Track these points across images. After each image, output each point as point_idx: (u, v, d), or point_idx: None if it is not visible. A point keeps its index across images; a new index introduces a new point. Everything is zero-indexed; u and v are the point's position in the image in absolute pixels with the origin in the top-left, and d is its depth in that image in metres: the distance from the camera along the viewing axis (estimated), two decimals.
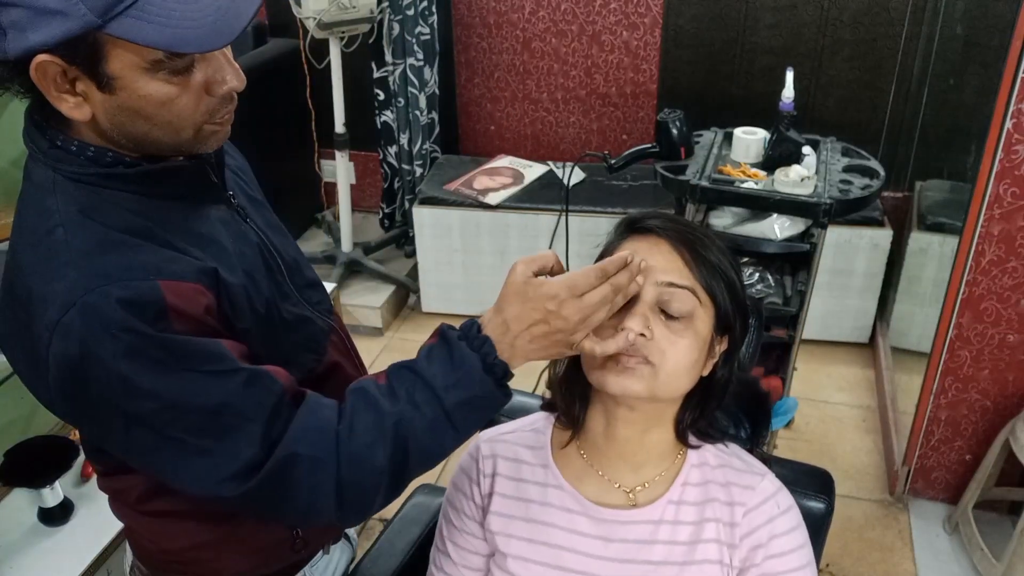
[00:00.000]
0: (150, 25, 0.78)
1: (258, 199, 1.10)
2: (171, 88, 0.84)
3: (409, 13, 2.94)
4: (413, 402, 0.88)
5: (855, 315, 2.90)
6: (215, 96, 0.87)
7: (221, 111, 0.89)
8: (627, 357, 0.92)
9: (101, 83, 0.82)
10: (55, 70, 0.81)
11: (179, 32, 0.79)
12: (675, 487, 1.02)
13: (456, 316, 3.17)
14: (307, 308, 1.08)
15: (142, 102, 0.83)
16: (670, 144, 2.00)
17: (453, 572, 1.10)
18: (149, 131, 0.86)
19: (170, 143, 0.88)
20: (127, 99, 0.83)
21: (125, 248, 0.86)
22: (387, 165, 3.27)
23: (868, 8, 2.80)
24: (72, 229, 0.85)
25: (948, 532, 2.22)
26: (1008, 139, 1.77)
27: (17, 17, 0.78)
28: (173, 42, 0.79)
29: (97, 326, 0.81)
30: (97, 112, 0.85)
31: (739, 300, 0.99)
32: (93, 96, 0.83)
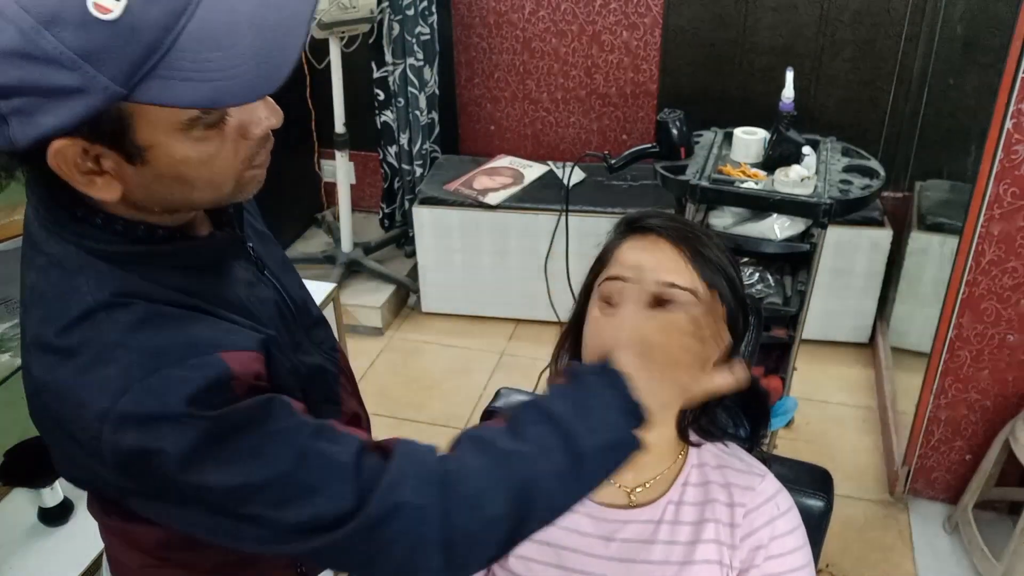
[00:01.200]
0: (184, 84, 0.67)
1: (265, 233, 1.04)
2: (210, 144, 0.74)
3: (409, 13, 2.94)
4: (542, 445, 0.76)
5: (855, 315, 2.90)
6: (252, 139, 0.79)
7: (260, 153, 0.81)
8: None
9: (131, 156, 0.72)
10: (76, 152, 0.70)
11: (220, 85, 0.67)
12: (675, 487, 1.02)
13: (456, 316, 3.17)
14: (318, 354, 1.00)
15: (181, 167, 0.74)
16: (670, 144, 2.00)
17: None
18: (189, 195, 0.78)
19: (211, 200, 0.81)
20: (163, 167, 0.73)
21: (178, 322, 0.77)
22: (387, 165, 3.27)
23: (868, 8, 2.80)
24: (114, 309, 0.76)
25: (948, 532, 2.22)
26: (1008, 139, 1.77)
27: (21, 105, 0.67)
28: (216, 97, 0.68)
29: (157, 414, 0.72)
30: (129, 186, 0.75)
31: (739, 298, 1.00)
32: (123, 171, 0.73)
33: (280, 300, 0.96)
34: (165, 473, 0.73)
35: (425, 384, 2.86)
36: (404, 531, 0.73)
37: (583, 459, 0.76)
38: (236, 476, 0.73)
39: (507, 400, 1.42)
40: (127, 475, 0.75)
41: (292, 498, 0.74)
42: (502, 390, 1.45)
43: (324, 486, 0.74)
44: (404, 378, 2.90)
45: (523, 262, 3.01)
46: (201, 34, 0.67)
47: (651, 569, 0.99)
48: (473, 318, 3.17)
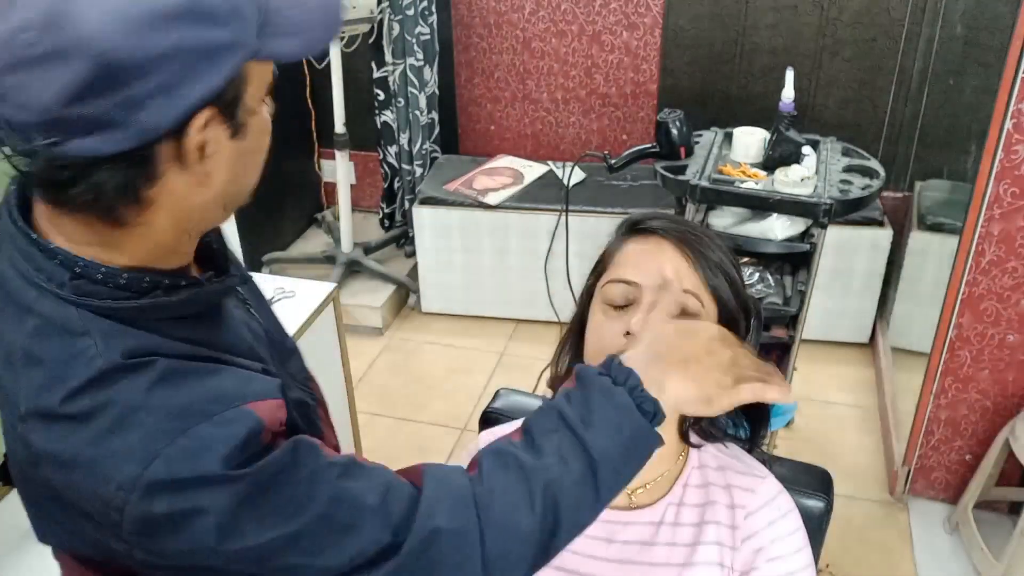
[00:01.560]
0: (285, 38, 0.69)
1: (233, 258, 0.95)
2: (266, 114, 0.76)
3: (409, 13, 2.94)
4: (558, 454, 0.75)
5: (855, 315, 2.90)
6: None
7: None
8: None
9: (237, 128, 0.70)
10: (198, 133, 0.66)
11: (304, 37, 0.71)
12: (676, 488, 1.02)
13: (456, 316, 3.17)
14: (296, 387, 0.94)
15: (264, 137, 0.75)
16: (670, 144, 2.00)
17: None
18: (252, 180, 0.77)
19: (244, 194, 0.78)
20: (254, 139, 0.73)
21: (197, 376, 0.71)
22: (387, 165, 3.27)
23: (868, 8, 2.80)
24: (129, 371, 0.69)
25: (948, 532, 2.22)
26: (1008, 139, 1.77)
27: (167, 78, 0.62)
28: (308, 48, 0.72)
29: (192, 478, 0.66)
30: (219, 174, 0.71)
31: (741, 299, 1.00)
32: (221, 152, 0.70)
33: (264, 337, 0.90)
34: (201, 539, 0.68)
35: (425, 384, 2.86)
36: (446, 558, 0.72)
37: (601, 464, 0.75)
38: (274, 530, 0.69)
39: (507, 400, 1.42)
40: (153, 546, 0.70)
41: (330, 543, 0.71)
42: (502, 390, 1.45)
43: (360, 524, 0.71)
44: (404, 378, 2.89)
45: (523, 262, 3.01)
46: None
47: (652, 571, 0.99)
48: (473, 318, 3.17)
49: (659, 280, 0.95)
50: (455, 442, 2.58)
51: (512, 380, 2.82)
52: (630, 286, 0.95)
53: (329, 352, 1.96)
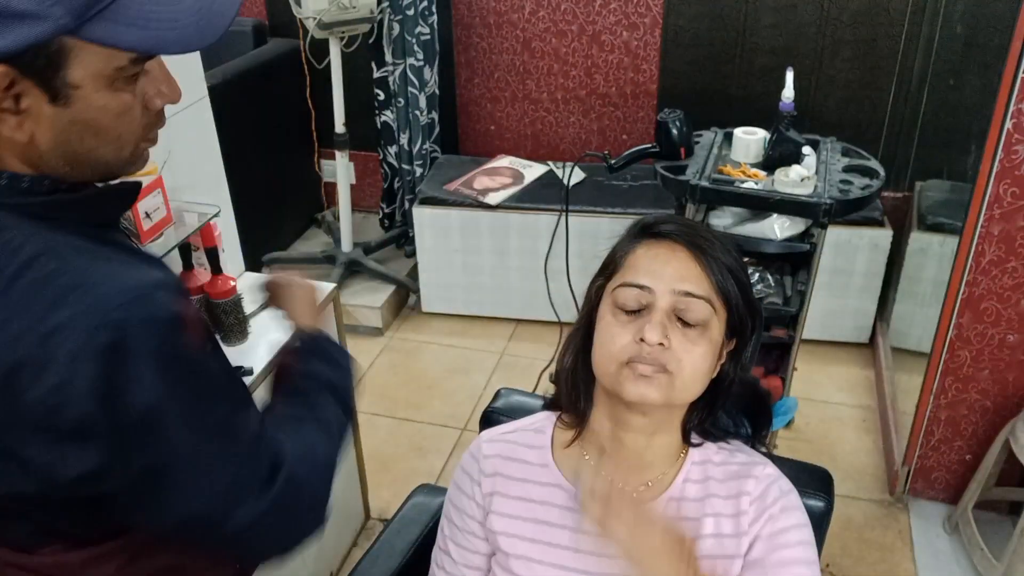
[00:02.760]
0: (129, 28, 0.73)
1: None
2: (127, 97, 0.77)
3: (409, 13, 2.94)
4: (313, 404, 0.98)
5: (855, 315, 2.90)
6: (152, 109, 0.81)
7: (154, 128, 0.84)
8: (644, 365, 0.93)
9: (56, 95, 0.74)
10: (1, 83, 0.71)
11: (161, 34, 0.74)
12: (676, 484, 1.02)
13: (456, 316, 3.17)
14: None
15: (99, 113, 0.76)
16: (670, 144, 2.00)
17: (454, 571, 1.10)
18: (96, 148, 0.79)
19: (111, 161, 0.82)
20: (82, 111, 0.75)
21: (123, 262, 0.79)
22: (387, 165, 3.27)
23: (868, 8, 2.80)
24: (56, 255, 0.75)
25: (948, 532, 2.22)
26: (1008, 139, 1.77)
27: None
28: (155, 45, 0.74)
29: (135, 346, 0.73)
30: (39, 131, 0.76)
31: (751, 305, 1.00)
32: (40, 112, 0.74)
33: None
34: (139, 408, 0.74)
35: (425, 384, 2.86)
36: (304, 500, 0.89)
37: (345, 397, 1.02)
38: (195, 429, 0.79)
39: (507, 400, 1.42)
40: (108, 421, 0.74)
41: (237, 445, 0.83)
42: (502, 390, 1.45)
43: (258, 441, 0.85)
44: (404, 378, 2.89)
45: (523, 262, 3.01)
46: None
47: None
48: (473, 318, 3.17)
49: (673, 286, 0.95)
50: (455, 442, 2.58)
51: (512, 380, 2.82)
52: (643, 291, 0.95)
53: None
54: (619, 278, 0.99)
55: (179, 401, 0.77)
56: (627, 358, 0.93)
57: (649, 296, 0.95)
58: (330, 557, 2.06)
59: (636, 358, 0.93)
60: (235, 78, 2.91)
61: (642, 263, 0.98)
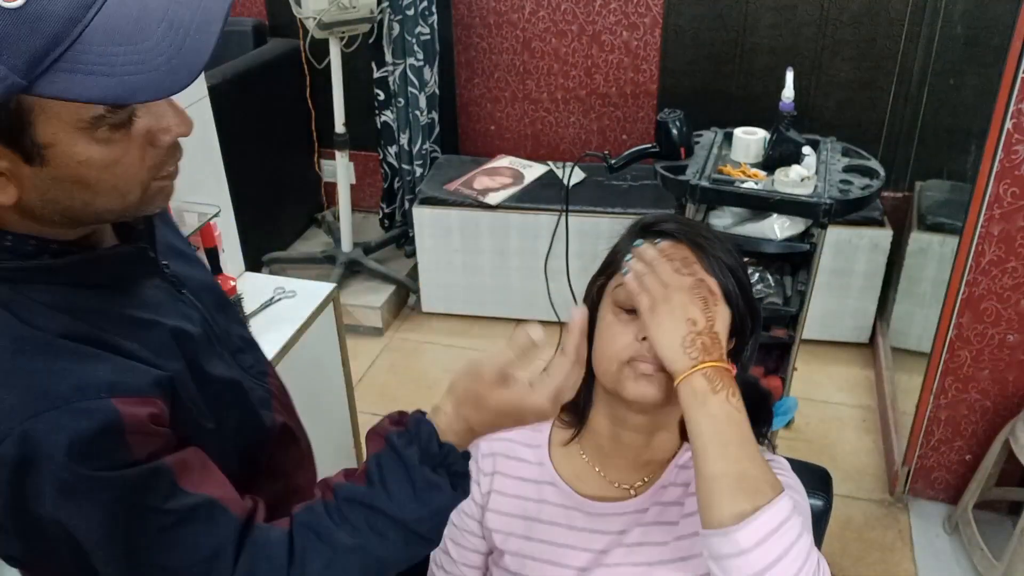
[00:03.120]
0: (89, 77, 0.63)
1: (184, 250, 0.98)
2: (114, 147, 0.70)
3: (409, 13, 2.94)
4: (377, 532, 0.80)
5: (855, 315, 2.90)
6: (160, 147, 0.74)
7: (168, 163, 0.76)
8: (645, 364, 0.93)
9: (29, 155, 0.67)
10: None
11: (127, 80, 0.64)
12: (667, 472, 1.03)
13: (456, 316, 3.17)
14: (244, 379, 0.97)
15: (83, 168, 0.69)
16: (670, 144, 2.00)
17: (453, 570, 1.11)
18: (91, 201, 0.72)
19: (116, 209, 0.75)
20: (63, 169, 0.69)
21: (67, 359, 0.72)
22: (387, 165, 3.27)
23: (868, 8, 2.80)
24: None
25: (948, 532, 2.22)
26: (1008, 139, 1.77)
27: None
28: (122, 93, 0.65)
29: (36, 461, 0.68)
30: (24, 191, 0.70)
31: (751, 304, 1.00)
32: (20, 172, 0.68)
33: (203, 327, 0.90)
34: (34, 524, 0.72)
35: (425, 384, 2.86)
36: None
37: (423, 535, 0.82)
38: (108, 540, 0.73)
39: None
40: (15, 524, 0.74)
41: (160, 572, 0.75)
42: None
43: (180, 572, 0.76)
44: (404, 378, 2.89)
45: (523, 262, 3.01)
46: (109, 27, 0.64)
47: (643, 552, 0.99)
48: (473, 318, 3.16)
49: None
50: None
51: None
52: None
53: (329, 352, 1.96)
54: (620, 277, 0.99)
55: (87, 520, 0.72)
56: (628, 357, 0.93)
57: None
58: None
59: (637, 357, 0.93)
60: (235, 78, 2.91)
61: None
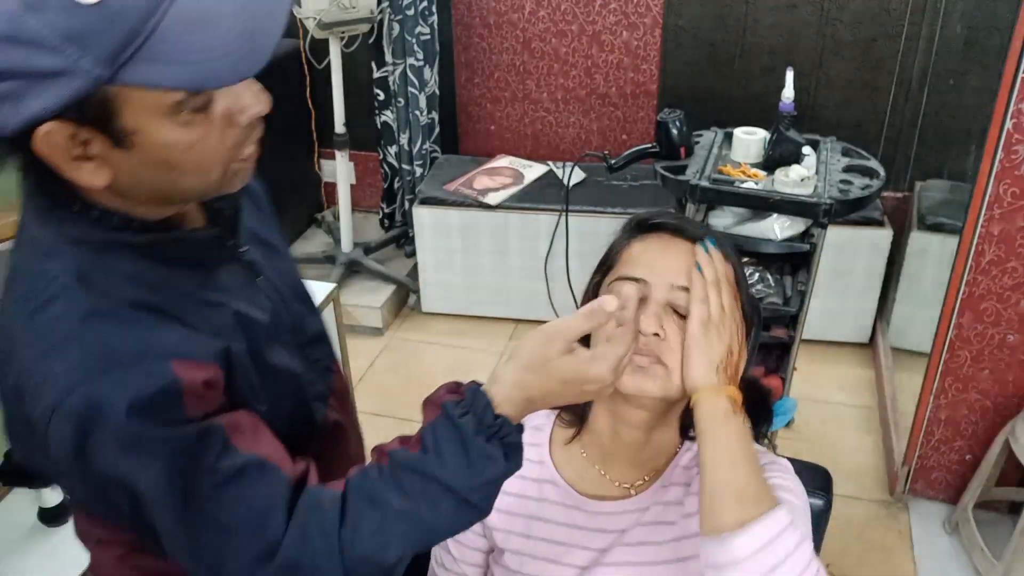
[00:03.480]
0: (168, 66, 0.68)
1: (269, 240, 1.02)
2: (196, 129, 0.75)
3: (409, 13, 2.94)
4: (429, 498, 0.80)
5: (855, 315, 2.90)
6: (238, 126, 0.79)
7: (247, 142, 0.81)
8: (641, 357, 0.93)
9: (118, 141, 0.72)
10: (63, 135, 0.71)
11: (203, 67, 0.69)
12: (667, 471, 1.03)
13: (456, 316, 3.17)
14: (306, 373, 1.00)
15: (167, 151, 0.74)
16: (670, 144, 2.00)
17: (454, 568, 1.11)
18: (177, 180, 0.77)
19: (199, 188, 0.80)
20: (149, 152, 0.74)
21: (134, 325, 0.77)
22: (387, 165, 3.27)
23: (868, 8, 2.80)
24: (73, 299, 0.76)
25: (948, 532, 2.22)
26: (1008, 139, 1.77)
27: (8, 89, 0.67)
28: (200, 79, 0.70)
29: (98, 418, 0.72)
30: (117, 173, 0.75)
31: (750, 299, 1.00)
32: (111, 156, 0.74)
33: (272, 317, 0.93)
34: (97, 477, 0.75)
35: (425, 384, 2.84)
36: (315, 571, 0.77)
37: (475, 504, 0.81)
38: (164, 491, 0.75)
39: None
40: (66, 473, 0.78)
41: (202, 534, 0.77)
42: None
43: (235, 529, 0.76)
44: (404, 378, 2.89)
45: (523, 262, 3.01)
46: (183, 17, 0.69)
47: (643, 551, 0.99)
48: (473, 318, 3.16)
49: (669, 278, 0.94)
50: None
51: None
52: (639, 283, 0.95)
53: None
54: (615, 273, 0.99)
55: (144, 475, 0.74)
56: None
57: (645, 288, 0.95)
58: None
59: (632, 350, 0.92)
60: None
61: (638, 257, 0.98)
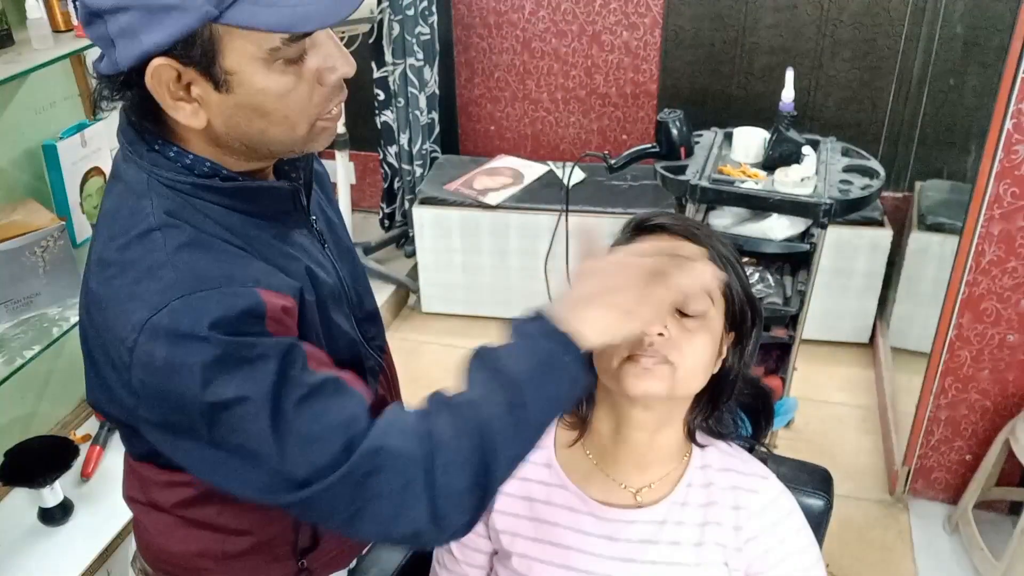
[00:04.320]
0: (267, 9, 0.75)
1: (333, 219, 1.07)
2: (288, 78, 0.80)
3: (409, 13, 2.94)
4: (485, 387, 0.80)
5: (855, 315, 2.90)
6: (327, 85, 0.84)
7: (332, 102, 0.86)
8: (646, 358, 0.93)
9: (218, 82, 0.79)
10: (170, 75, 0.77)
11: (299, 10, 0.76)
12: (680, 488, 1.02)
13: (456, 316, 3.17)
14: (362, 345, 1.06)
15: (261, 96, 0.80)
16: (670, 144, 2.00)
17: (456, 569, 1.11)
18: (266, 129, 0.83)
19: (286, 141, 0.85)
20: (245, 96, 0.80)
21: (222, 255, 0.83)
22: (387, 165, 3.28)
23: (868, 8, 2.80)
24: (167, 231, 0.82)
25: (948, 532, 2.22)
26: (1008, 139, 1.77)
27: (127, 22, 0.74)
28: (296, 22, 0.76)
29: (186, 331, 0.77)
30: (213, 116, 0.81)
31: (749, 297, 1.00)
32: (210, 99, 0.80)
33: (336, 282, 1.00)
34: (184, 391, 0.78)
35: (425, 384, 2.83)
36: (391, 477, 0.77)
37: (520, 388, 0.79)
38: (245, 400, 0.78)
39: None
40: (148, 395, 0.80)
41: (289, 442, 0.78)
42: None
43: (319, 436, 0.79)
44: (404, 378, 2.86)
45: (523, 262, 3.01)
46: None
47: (655, 569, 1.00)
48: (473, 318, 3.16)
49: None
50: None
51: None
52: None
53: None
54: None
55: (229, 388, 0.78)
56: (628, 352, 0.93)
57: None
58: None
59: (637, 351, 0.92)
60: None
61: None
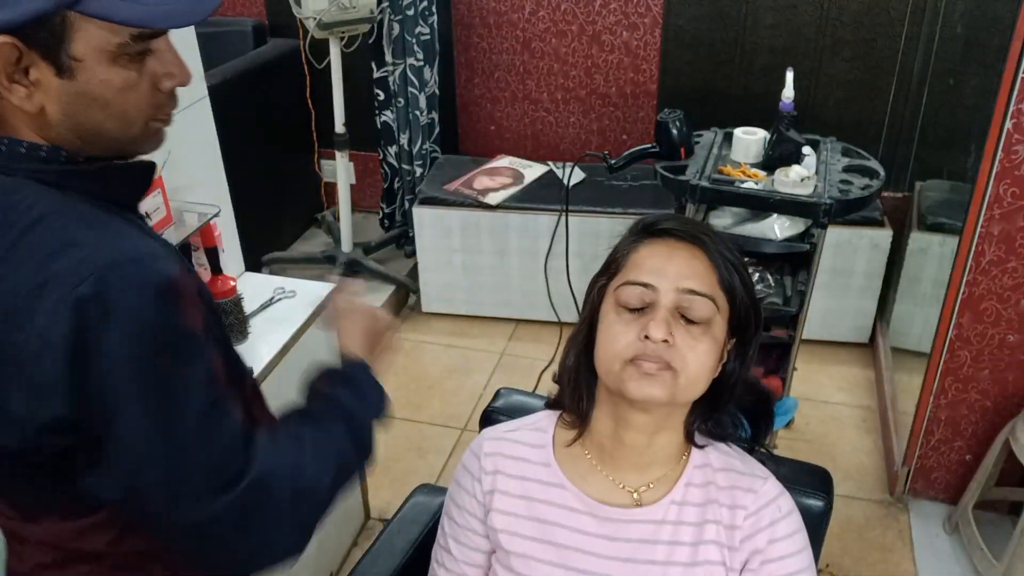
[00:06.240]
0: (124, 3, 0.78)
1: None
2: (130, 73, 0.82)
3: (409, 13, 2.94)
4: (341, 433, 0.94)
5: (855, 315, 2.90)
6: (163, 91, 0.85)
7: (166, 108, 0.88)
8: (649, 364, 0.93)
9: (61, 68, 0.79)
10: (11, 55, 0.77)
11: (152, 10, 0.79)
12: (678, 487, 1.02)
13: (456, 316, 3.17)
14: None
15: (102, 88, 0.81)
16: (670, 144, 2.00)
17: (455, 568, 1.11)
18: (103, 121, 0.83)
19: (120, 137, 0.85)
20: (86, 84, 0.80)
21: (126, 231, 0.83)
22: (387, 165, 3.27)
23: (868, 8, 2.80)
24: (61, 214, 0.81)
25: (948, 532, 2.22)
26: (1008, 139, 1.77)
27: None
28: (152, 19, 0.79)
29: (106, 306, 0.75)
30: (48, 102, 0.81)
31: (753, 303, 1.00)
32: (47, 83, 0.80)
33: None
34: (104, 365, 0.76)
35: (425, 384, 2.86)
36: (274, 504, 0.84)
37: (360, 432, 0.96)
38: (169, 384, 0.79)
39: (507, 400, 1.42)
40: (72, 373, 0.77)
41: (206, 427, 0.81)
42: (502, 390, 1.45)
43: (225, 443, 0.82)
44: (404, 378, 2.89)
45: (523, 262, 3.01)
46: None
47: (654, 569, 1.00)
48: (473, 318, 3.17)
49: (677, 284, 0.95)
50: (455, 442, 2.58)
51: (512, 380, 2.82)
52: (647, 289, 0.95)
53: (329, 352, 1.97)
54: (622, 277, 0.99)
55: (143, 374, 0.77)
56: (631, 356, 0.93)
57: (653, 294, 0.95)
58: (330, 557, 2.06)
59: (640, 356, 0.93)
60: (235, 78, 2.91)
61: (645, 262, 0.98)
